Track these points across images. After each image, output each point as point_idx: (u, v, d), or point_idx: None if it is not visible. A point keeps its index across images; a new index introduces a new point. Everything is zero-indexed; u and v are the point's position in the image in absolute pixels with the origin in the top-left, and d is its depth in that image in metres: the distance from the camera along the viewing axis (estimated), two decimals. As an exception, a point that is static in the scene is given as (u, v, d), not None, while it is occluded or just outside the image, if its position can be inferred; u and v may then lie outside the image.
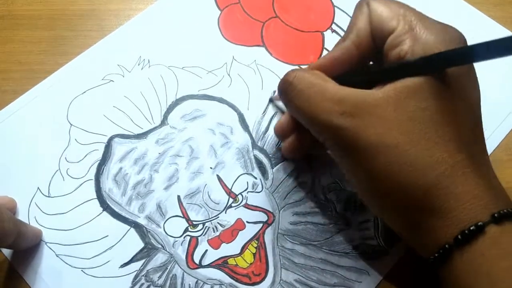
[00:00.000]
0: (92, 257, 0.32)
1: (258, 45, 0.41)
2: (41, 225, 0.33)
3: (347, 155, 0.26)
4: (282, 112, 0.37)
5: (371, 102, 0.24)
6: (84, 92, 0.38)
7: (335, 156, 0.28)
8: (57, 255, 0.32)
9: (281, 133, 0.34)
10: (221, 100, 0.38)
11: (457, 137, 0.24)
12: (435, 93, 0.24)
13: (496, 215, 0.23)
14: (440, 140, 0.24)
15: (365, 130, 0.24)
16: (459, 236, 0.23)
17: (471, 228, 0.22)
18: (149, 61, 0.40)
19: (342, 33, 0.41)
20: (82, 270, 0.32)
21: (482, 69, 0.27)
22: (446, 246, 0.23)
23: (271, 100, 0.38)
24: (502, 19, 0.43)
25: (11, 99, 0.37)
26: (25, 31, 0.41)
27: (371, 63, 0.30)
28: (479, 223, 0.22)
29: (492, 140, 0.37)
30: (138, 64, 0.40)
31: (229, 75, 0.40)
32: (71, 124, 0.37)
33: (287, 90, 0.28)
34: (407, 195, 0.24)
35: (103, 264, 0.32)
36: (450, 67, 0.24)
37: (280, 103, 0.37)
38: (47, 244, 0.33)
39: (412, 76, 0.24)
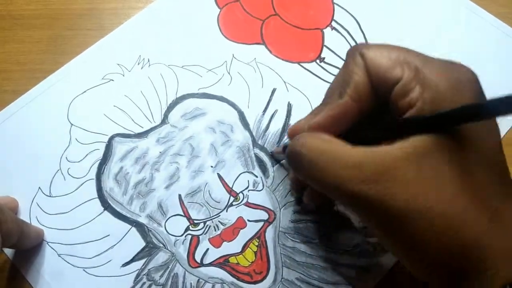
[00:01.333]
0: (94, 257, 0.32)
1: (258, 43, 0.41)
2: (43, 225, 0.33)
3: (376, 224, 0.24)
4: (283, 166, 0.36)
5: (392, 165, 0.22)
6: (84, 91, 0.38)
7: (363, 221, 0.26)
8: (59, 255, 0.32)
9: (296, 190, 0.33)
10: (221, 99, 0.38)
11: (485, 189, 0.23)
12: (453, 147, 0.22)
13: None
14: (469, 195, 0.22)
15: (392, 197, 0.22)
16: None
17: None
18: (149, 60, 0.40)
19: (341, 31, 0.41)
20: (84, 270, 0.32)
21: (483, 61, 0.25)
22: None
23: (272, 154, 0.36)
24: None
25: (11, 99, 0.37)
26: (25, 31, 0.41)
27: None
28: None
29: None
30: (138, 63, 0.40)
31: (229, 73, 0.39)
32: (72, 124, 0.37)
33: (297, 162, 0.26)
34: (446, 259, 0.22)
35: (104, 264, 0.32)
36: (469, 122, 0.22)
37: (282, 157, 0.36)
38: (49, 244, 0.33)
39: (428, 131, 0.22)
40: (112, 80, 0.39)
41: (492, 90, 0.26)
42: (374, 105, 0.26)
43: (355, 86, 0.25)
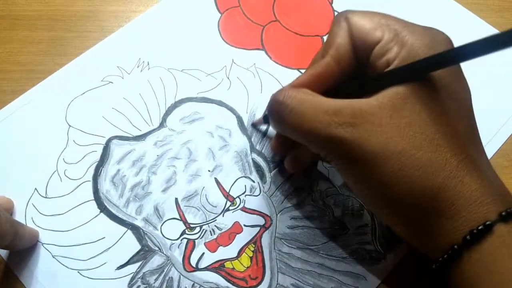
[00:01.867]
0: (89, 259, 0.32)
1: (258, 49, 0.41)
2: (38, 226, 0.33)
3: (351, 167, 0.26)
4: (264, 134, 0.37)
5: (368, 111, 0.24)
6: (83, 93, 0.38)
7: (338, 168, 0.27)
8: (53, 256, 0.32)
9: (277, 152, 0.34)
10: (220, 103, 0.38)
11: (455, 136, 0.24)
12: (426, 96, 0.24)
13: (503, 213, 0.23)
14: (440, 142, 0.24)
15: (368, 139, 0.24)
16: (468, 237, 0.23)
17: (480, 227, 0.22)
18: (148, 63, 0.40)
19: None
20: (78, 272, 0.32)
21: (480, 74, 0.27)
22: (455, 247, 0.23)
23: (253, 125, 0.37)
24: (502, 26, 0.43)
25: (10, 99, 0.37)
26: (25, 32, 0.41)
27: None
28: (488, 222, 0.22)
29: (490, 146, 0.37)
30: (138, 66, 0.40)
31: (228, 78, 0.40)
32: (70, 125, 0.37)
33: (279, 110, 0.27)
34: (416, 200, 0.24)
35: (99, 266, 0.32)
36: (437, 70, 0.24)
37: (263, 127, 0.37)
38: (44, 245, 0.33)
39: (401, 82, 0.24)
40: (112, 82, 0.39)
41: (488, 97, 0.27)
42: (355, 66, 0.27)
43: (337, 47, 0.27)
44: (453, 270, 0.24)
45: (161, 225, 0.33)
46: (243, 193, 0.35)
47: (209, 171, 0.35)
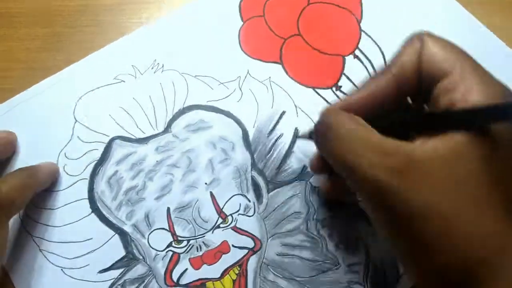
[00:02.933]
0: (73, 258, 0.32)
1: (275, 62, 0.40)
2: (31, 218, 0.33)
3: (389, 218, 0.23)
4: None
5: (421, 157, 0.21)
6: (94, 89, 0.38)
7: (373, 216, 0.25)
8: (40, 250, 0.32)
9: (315, 171, 0.33)
10: (228, 114, 0.37)
11: (508, 202, 0.21)
12: (485, 152, 0.21)
13: None
14: (491, 208, 0.21)
15: (416, 191, 0.21)
16: None
17: None
18: (163, 66, 0.39)
19: (364, 60, 0.39)
20: (61, 269, 0.32)
21: None
22: None
23: (297, 136, 0.36)
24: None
25: (10, 97, 0.37)
26: (23, 29, 0.41)
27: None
28: None
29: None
30: (152, 68, 0.39)
31: (240, 89, 0.38)
32: (76, 120, 0.37)
33: (325, 135, 0.25)
34: (452, 270, 0.21)
35: (82, 267, 0.32)
36: (504, 121, 0.21)
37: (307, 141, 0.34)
38: (33, 237, 0.33)
39: (461, 128, 0.21)
40: (124, 81, 0.38)
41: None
42: (414, 94, 0.25)
43: (401, 64, 0.24)
44: None
45: (149, 234, 0.33)
46: (236, 212, 0.34)
47: (206, 183, 0.34)
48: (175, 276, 0.31)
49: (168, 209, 0.33)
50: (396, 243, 0.24)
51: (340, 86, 0.38)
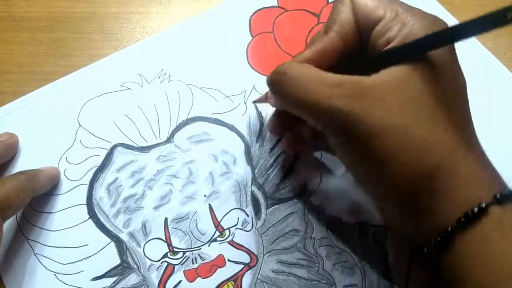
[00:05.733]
0: (67, 263, 0.32)
1: (282, 78, 0.40)
2: (28, 221, 0.33)
3: (350, 140, 0.25)
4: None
5: (370, 85, 0.24)
6: (100, 95, 0.38)
7: (335, 144, 0.27)
8: (34, 254, 0.32)
9: (275, 132, 0.34)
10: (231, 128, 0.37)
11: (454, 118, 0.24)
12: (427, 76, 0.24)
13: (498, 196, 0.22)
14: (440, 121, 0.24)
15: (368, 113, 0.24)
16: (462, 218, 0.22)
17: (475, 209, 0.22)
18: (170, 76, 0.40)
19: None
20: (55, 274, 0.32)
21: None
22: (449, 229, 0.22)
23: (254, 103, 0.38)
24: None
25: (10, 101, 0.37)
26: (25, 33, 0.41)
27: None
28: (482, 204, 0.22)
29: None
30: (159, 77, 0.39)
31: (245, 103, 0.38)
32: (80, 125, 0.37)
33: (280, 81, 0.27)
34: (413, 177, 0.23)
35: (76, 273, 0.32)
36: (437, 48, 0.24)
37: (263, 106, 0.37)
38: (28, 240, 0.33)
39: (402, 61, 0.24)
40: (130, 89, 0.39)
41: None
42: (358, 44, 0.27)
43: (341, 23, 0.27)
44: (447, 254, 0.23)
45: (145, 243, 0.32)
46: (234, 226, 0.33)
47: (205, 196, 0.34)
48: (168, 288, 0.31)
49: (166, 219, 0.33)
50: (355, 167, 0.27)
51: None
